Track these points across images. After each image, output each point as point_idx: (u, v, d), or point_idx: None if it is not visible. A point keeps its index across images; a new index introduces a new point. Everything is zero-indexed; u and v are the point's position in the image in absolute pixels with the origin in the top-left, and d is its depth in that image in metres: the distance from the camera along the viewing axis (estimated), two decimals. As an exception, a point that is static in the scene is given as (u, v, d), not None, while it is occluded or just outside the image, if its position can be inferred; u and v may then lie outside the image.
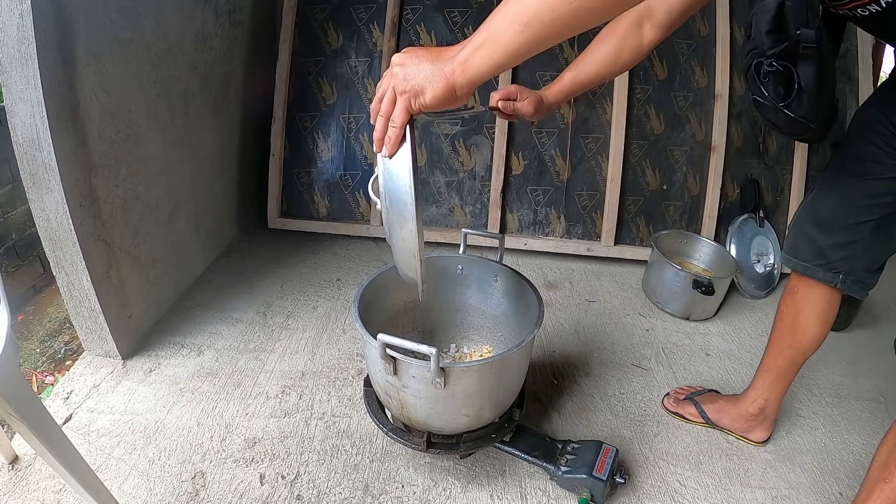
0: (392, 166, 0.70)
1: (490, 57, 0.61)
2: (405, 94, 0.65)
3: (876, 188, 0.93)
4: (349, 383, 1.36)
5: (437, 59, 0.63)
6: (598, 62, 0.95)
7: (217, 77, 1.76)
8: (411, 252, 0.76)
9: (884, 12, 0.71)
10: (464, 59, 0.62)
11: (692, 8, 0.89)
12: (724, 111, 1.92)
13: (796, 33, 0.75)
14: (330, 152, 2.02)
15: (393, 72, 0.65)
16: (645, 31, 0.92)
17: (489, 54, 0.60)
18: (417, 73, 0.63)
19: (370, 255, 1.99)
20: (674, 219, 1.99)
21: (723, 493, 1.13)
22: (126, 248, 1.37)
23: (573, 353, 1.53)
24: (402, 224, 0.72)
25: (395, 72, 0.65)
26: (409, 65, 0.64)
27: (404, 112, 0.66)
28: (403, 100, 0.65)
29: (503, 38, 0.59)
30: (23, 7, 1.00)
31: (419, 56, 0.64)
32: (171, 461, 1.12)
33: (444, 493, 1.09)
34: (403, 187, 0.69)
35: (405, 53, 0.66)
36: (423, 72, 0.63)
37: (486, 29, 0.60)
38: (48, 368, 1.44)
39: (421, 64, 0.64)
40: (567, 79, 0.98)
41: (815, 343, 1.08)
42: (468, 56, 0.61)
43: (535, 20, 0.57)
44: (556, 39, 0.60)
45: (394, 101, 0.66)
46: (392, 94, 0.66)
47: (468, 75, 0.62)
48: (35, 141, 1.09)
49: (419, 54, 0.65)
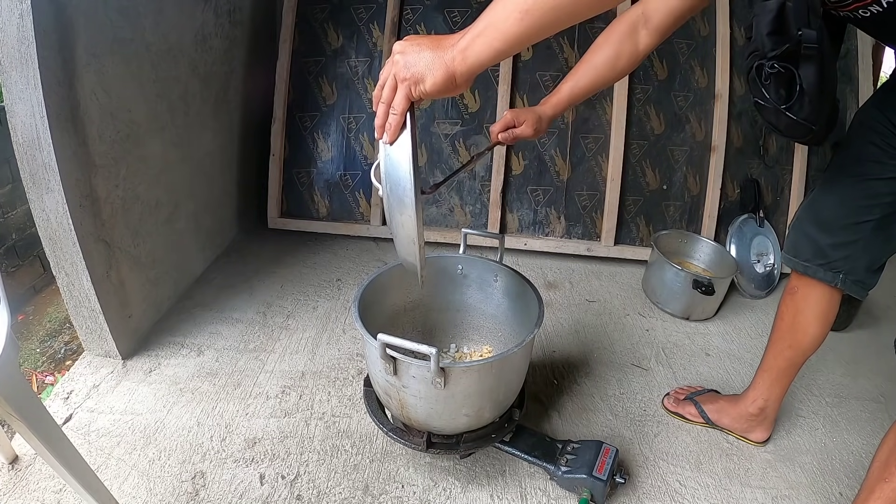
0: (392, 152, 0.71)
1: (490, 44, 0.61)
2: (406, 82, 0.65)
3: (876, 188, 0.93)
4: (349, 383, 1.36)
5: (437, 46, 0.64)
6: (596, 70, 0.96)
7: (217, 77, 1.76)
8: (411, 237, 0.77)
9: (885, 13, 0.71)
10: (464, 46, 0.62)
11: (689, 12, 0.90)
12: (724, 111, 1.92)
13: (798, 34, 0.75)
14: (330, 152, 2.02)
15: (394, 59, 0.66)
16: (641, 37, 0.92)
17: (489, 42, 0.61)
18: (418, 61, 0.64)
19: (370, 255, 1.99)
20: (674, 219, 1.99)
21: (723, 493, 1.13)
22: (126, 248, 1.37)
23: (573, 353, 1.53)
24: (402, 209, 0.74)
25: (395, 59, 0.65)
26: (410, 52, 0.64)
27: (405, 99, 0.66)
28: (404, 87, 0.66)
29: (503, 25, 0.59)
30: (23, 7, 1.00)
31: (420, 44, 0.65)
32: (171, 461, 1.12)
33: (444, 493, 1.09)
34: (403, 173, 0.71)
35: (406, 41, 0.66)
36: (424, 59, 0.64)
37: (486, 17, 0.61)
38: (48, 368, 1.44)
39: (422, 52, 0.64)
40: (565, 90, 0.99)
41: (816, 343, 1.08)
42: (468, 44, 0.62)
43: (535, 8, 0.57)
44: (556, 28, 0.60)
45: (395, 88, 0.67)
46: (393, 82, 0.67)
47: (468, 63, 0.63)
48: (35, 141, 1.09)
49: (420, 42, 0.65)
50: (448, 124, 1.97)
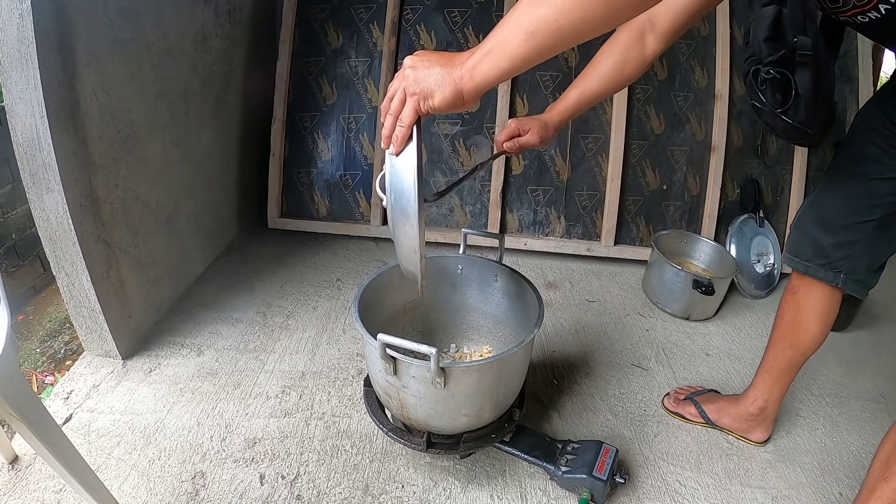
0: (398, 164, 0.73)
1: (496, 64, 0.63)
2: (415, 96, 0.67)
3: (877, 188, 0.93)
4: (349, 383, 1.36)
5: (447, 63, 0.66)
6: (603, 77, 0.95)
7: (217, 77, 1.76)
8: (413, 247, 0.78)
9: (884, 19, 0.71)
10: (472, 65, 0.64)
11: (696, 17, 0.89)
12: (724, 111, 1.92)
13: (793, 41, 0.75)
14: (330, 152, 2.02)
15: (404, 73, 0.68)
16: (648, 42, 0.91)
17: (496, 61, 0.62)
18: (428, 77, 0.66)
19: (370, 255, 1.99)
20: (674, 219, 1.99)
21: (723, 493, 1.13)
22: (126, 248, 1.37)
23: (573, 353, 1.53)
24: (405, 220, 0.75)
25: (406, 73, 0.67)
26: (421, 68, 0.66)
27: (413, 113, 0.68)
28: (413, 101, 0.67)
29: (509, 46, 0.61)
30: (23, 7, 1.00)
31: (430, 60, 0.66)
32: (171, 461, 1.12)
33: (444, 493, 1.09)
34: (408, 184, 0.72)
35: (417, 56, 0.68)
36: (434, 76, 0.66)
37: (493, 37, 0.63)
38: (48, 368, 1.44)
39: (431, 68, 0.66)
40: (572, 97, 0.99)
41: (816, 342, 1.08)
42: (476, 62, 0.64)
43: (540, 30, 0.58)
44: (561, 48, 0.61)
45: (403, 101, 0.69)
46: (402, 95, 0.68)
47: (475, 81, 0.64)
48: (35, 141, 1.09)
49: (430, 58, 0.67)
50: (448, 124, 1.97)
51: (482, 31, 1.96)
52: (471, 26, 1.96)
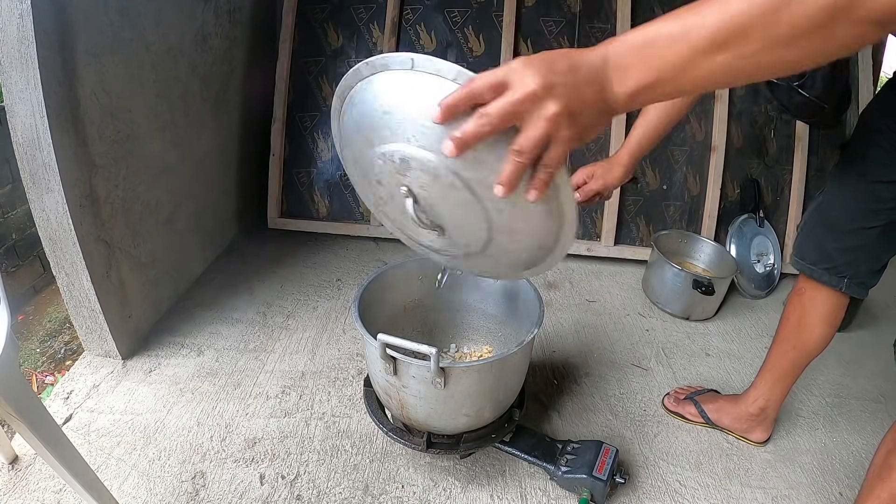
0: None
1: (660, 93, 0.52)
2: (570, 140, 0.53)
3: (882, 192, 0.93)
4: (349, 383, 1.36)
5: (601, 99, 0.52)
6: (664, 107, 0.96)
7: (217, 77, 1.76)
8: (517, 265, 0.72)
9: None
10: (633, 94, 0.52)
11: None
12: (724, 111, 1.92)
13: None
14: (330, 152, 2.02)
15: (555, 118, 0.50)
16: None
17: (656, 98, 0.53)
18: (583, 114, 0.52)
19: (370, 255, 1.99)
20: (674, 219, 1.99)
21: (723, 493, 1.13)
22: (126, 248, 1.37)
23: (573, 353, 1.53)
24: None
25: (556, 117, 0.50)
26: (573, 99, 0.51)
27: (564, 156, 0.54)
28: (565, 143, 0.53)
29: (673, 78, 0.50)
30: (23, 7, 1.00)
31: (581, 95, 0.51)
32: (171, 461, 1.12)
33: (444, 493, 1.09)
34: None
35: (553, 74, 0.50)
36: (591, 115, 0.52)
37: (652, 62, 0.50)
38: (48, 368, 1.44)
39: (584, 103, 0.52)
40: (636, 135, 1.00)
41: (821, 344, 1.08)
42: (637, 92, 0.51)
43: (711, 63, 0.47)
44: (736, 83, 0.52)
45: (546, 140, 0.52)
46: (547, 140, 0.52)
47: (626, 109, 0.54)
48: (35, 141, 1.09)
49: (581, 92, 0.51)
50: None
51: (482, 31, 1.96)
52: (471, 26, 1.96)
